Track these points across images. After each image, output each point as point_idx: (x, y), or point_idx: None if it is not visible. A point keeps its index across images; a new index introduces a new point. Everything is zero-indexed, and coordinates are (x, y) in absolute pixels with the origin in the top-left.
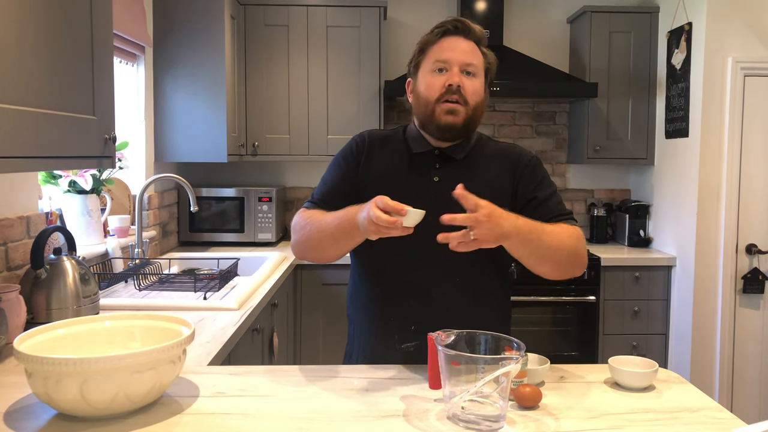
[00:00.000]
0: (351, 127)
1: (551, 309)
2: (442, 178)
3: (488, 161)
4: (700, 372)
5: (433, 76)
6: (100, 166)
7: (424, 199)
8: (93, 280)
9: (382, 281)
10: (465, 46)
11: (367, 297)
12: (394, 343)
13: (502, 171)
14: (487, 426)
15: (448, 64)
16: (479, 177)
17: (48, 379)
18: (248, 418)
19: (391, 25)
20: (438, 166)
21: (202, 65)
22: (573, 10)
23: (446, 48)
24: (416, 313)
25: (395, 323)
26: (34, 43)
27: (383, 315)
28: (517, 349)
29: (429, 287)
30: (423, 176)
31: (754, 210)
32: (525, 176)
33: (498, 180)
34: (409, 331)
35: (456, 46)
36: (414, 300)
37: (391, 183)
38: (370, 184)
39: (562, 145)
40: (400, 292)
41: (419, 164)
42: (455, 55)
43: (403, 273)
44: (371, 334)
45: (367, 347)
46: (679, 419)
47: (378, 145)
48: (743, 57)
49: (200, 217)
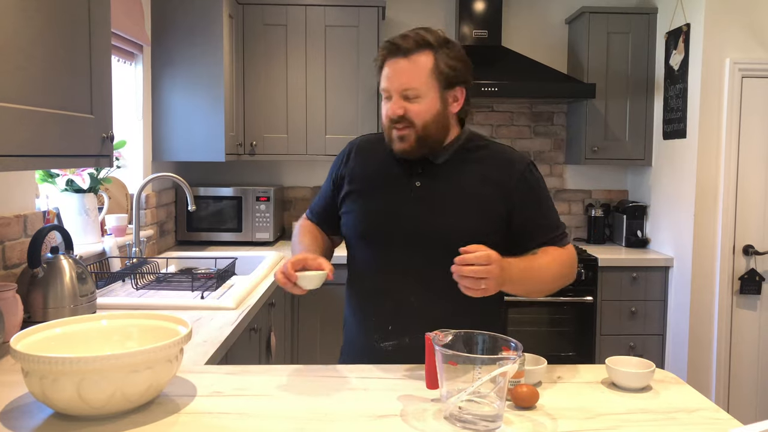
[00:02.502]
0: (349, 127)
1: (548, 309)
2: (423, 183)
3: (475, 165)
4: (696, 372)
5: (384, 103)
6: (98, 165)
7: (405, 205)
8: (90, 279)
9: (364, 283)
10: (402, 67)
11: (353, 297)
12: (373, 342)
13: (490, 176)
14: (484, 426)
15: (389, 93)
16: (463, 182)
17: (44, 378)
18: (245, 418)
19: (390, 25)
20: (420, 172)
21: (201, 64)
22: (571, 10)
23: (386, 76)
24: (394, 314)
25: (375, 323)
26: (31, 41)
27: (365, 315)
28: (514, 349)
29: (407, 291)
30: (404, 181)
31: (751, 211)
32: (519, 189)
33: (484, 185)
34: (387, 331)
35: (393, 73)
36: (391, 302)
37: (374, 186)
38: (355, 187)
39: (559, 146)
40: (378, 295)
41: (401, 169)
42: (392, 84)
43: (382, 276)
44: (356, 332)
45: (353, 345)
46: (676, 420)
47: (363, 150)
48: (741, 58)
49: (198, 216)
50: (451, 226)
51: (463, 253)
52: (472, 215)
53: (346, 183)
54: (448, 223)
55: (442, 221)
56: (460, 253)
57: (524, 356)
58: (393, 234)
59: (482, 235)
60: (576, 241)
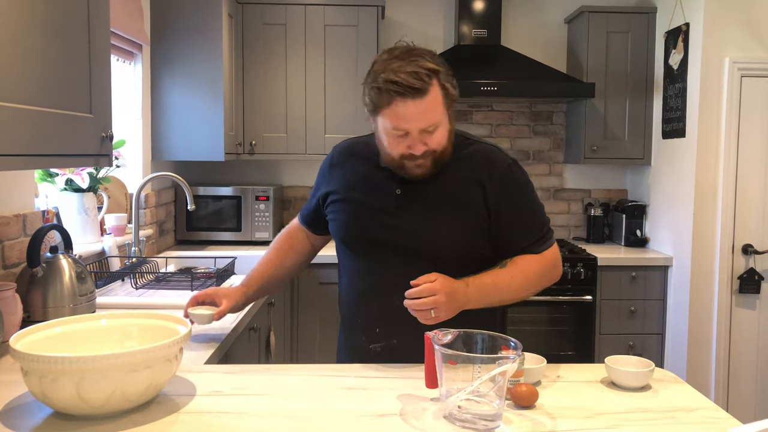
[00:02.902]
0: (348, 127)
1: (548, 309)
2: (404, 190)
3: (456, 167)
4: (696, 372)
5: (394, 137)
6: (97, 165)
7: (386, 211)
8: (89, 278)
9: (352, 286)
10: (421, 107)
11: (344, 299)
12: (362, 343)
13: (470, 176)
14: (483, 425)
15: (407, 131)
16: (444, 187)
17: (44, 378)
18: (245, 417)
19: (389, 25)
20: (401, 179)
21: (200, 64)
22: (570, 10)
23: (401, 117)
24: (380, 317)
25: (362, 325)
26: (31, 40)
27: (354, 317)
28: (513, 348)
29: (391, 293)
30: (386, 188)
31: (750, 210)
32: (499, 189)
33: (464, 186)
34: (375, 333)
35: (412, 114)
36: (377, 305)
37: (357, 192)
38: (339, 193)
39: (559, 145)
40: (365, 298)
41: (384, 176)
42: (413, 124)
43: (368, 280)
44: (348, 333)
45: (346, 345)
46: (675, 419)
47: (351, 153)
48: (740, 58)
49: (197, 215)
50: (433, 229)
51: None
52: (453, 217)
53: (330, 191)
54: (431, 226)
55: (425, 225)
56: (442, 255)
57: (524, 355)
58: (377, 240)
59: (467, 238)
60: (575, 241)
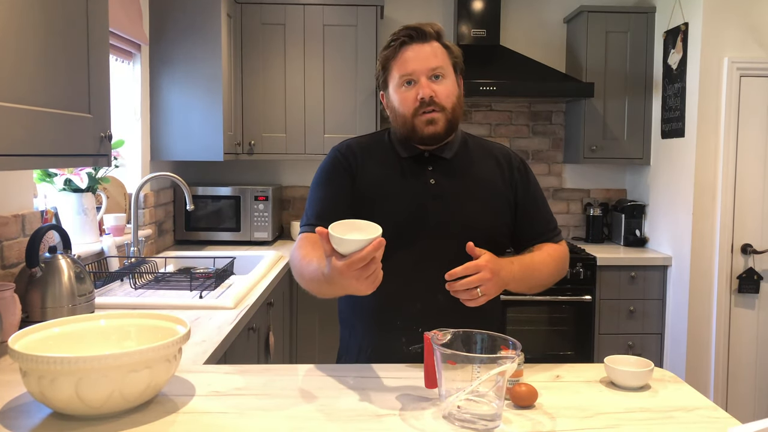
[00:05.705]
0: (347, 126)
1: (547, 308)
2: (437, 179)
3: (479, 160)
4: (695, 371)
5: (403, 91)
6: (96, 165)
7: (423, 202)
8: (88, 278)
9: (388, 287)
10: (425, 51)
11: (374, 303)
12: (401, 345)
13: (494, 170)
14: (482, 425)
15: (414, 76)
16: (474, 175)
17: (43, 378)
18: (244, 417)
19: (388, 24)
20: (431, 169)
21: (199, 63)
22: (570, 9)
23: (408, 60)
24: (422, 315)
25: (402, 327)
26: (29, 40)
27: (390, 319)
28: (513, 348)
29: (434, 290)
30: (419, 180)
31: (749, 210)
32: (519, 182)
33: (492, 178)
34: (417, 333)
35: (417, 56)
36: (421, 303)
37: (388, 190)
38: (367, 193)
39: (558, 145)
40: (406, 297)
41: (412, 168)
42: (418, 65)
43: (408, 278)
44: (379, 338)
45: (374, 351)
46: (675, 418)
47: (364, 153)
48: (739, 57)
49: (196, 215)
50: (471, 219)
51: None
52: (489, 206)
53: (366, 191)
54: (469, 215)
55: (463, 215)
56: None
57: (522, 355)
58: (417, 235)
59: (501, 224)
60: (575, 240)
